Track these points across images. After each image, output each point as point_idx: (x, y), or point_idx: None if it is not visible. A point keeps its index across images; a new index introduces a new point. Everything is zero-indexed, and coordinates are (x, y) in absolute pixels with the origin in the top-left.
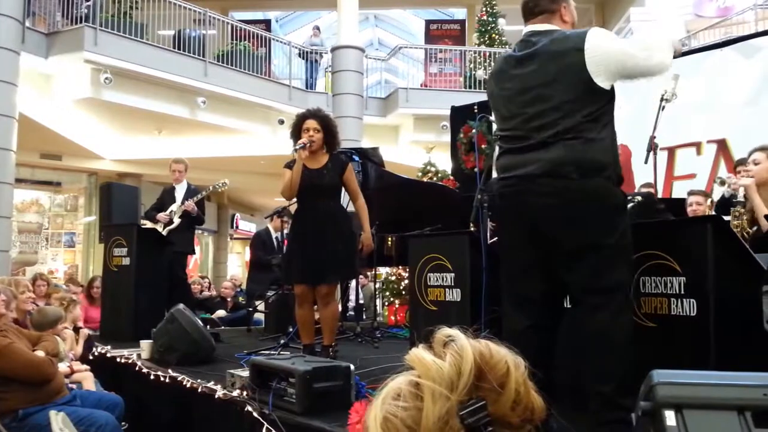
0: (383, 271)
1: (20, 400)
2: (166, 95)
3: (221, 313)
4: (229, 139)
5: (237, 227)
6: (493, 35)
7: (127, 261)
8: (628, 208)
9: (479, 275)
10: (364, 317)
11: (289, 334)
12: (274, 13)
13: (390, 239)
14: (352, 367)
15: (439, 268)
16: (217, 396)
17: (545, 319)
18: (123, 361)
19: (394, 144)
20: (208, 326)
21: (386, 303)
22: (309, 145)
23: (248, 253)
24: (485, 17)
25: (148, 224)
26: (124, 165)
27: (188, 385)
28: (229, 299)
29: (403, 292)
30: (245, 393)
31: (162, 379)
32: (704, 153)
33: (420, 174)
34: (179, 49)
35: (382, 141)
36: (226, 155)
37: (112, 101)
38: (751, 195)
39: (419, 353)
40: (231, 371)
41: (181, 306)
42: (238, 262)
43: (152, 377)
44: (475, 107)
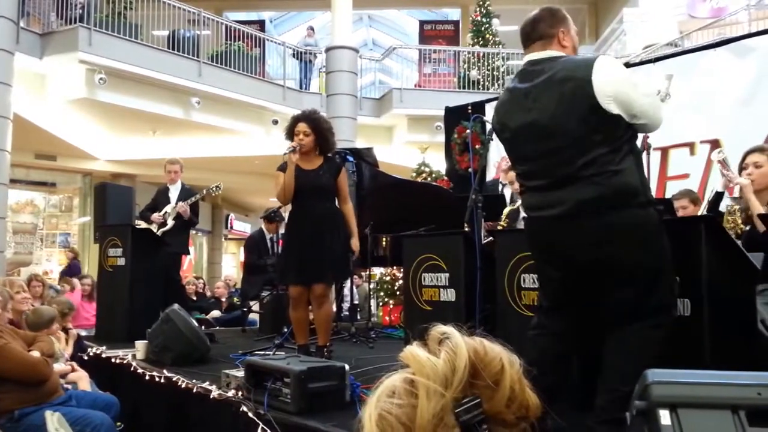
0: (378, 271)
1: (16, 401)
2: (161, 96)
3: (216, 313)
4: (223, 140)
5: (231, 228)
6: (487, 36)
7: (122, 261)
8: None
9: (473, 275)
10: (358, 317)
11: (284, 334)
12: (268, 13)
13: (384, 239)
14: (346, 367)
15: (434, 268)
16: (212, 396)
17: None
18: (118, 361)
19: (388, 144)
20: (203, 327)
21: (381, 303)
22: (298, 149)
23: (242, 254)
24: (479, 18)
25: (143, 225)
26: (119, 165)
27: (183, 386)
28: (223, 299)
29: (398, 293)
30: (240, 393)
31: (157, 379)
32: (698, 153)
33: (414, 174)
34: (173, 49)
35: (376, 141)
36: (221, 155)
37: (107, 101)
38: (747, 195)
39: (413, 350)
40: (226, 371)
41: (176, 306)
42: (233, 263)
43: (147, 378)
44: (469, 108)
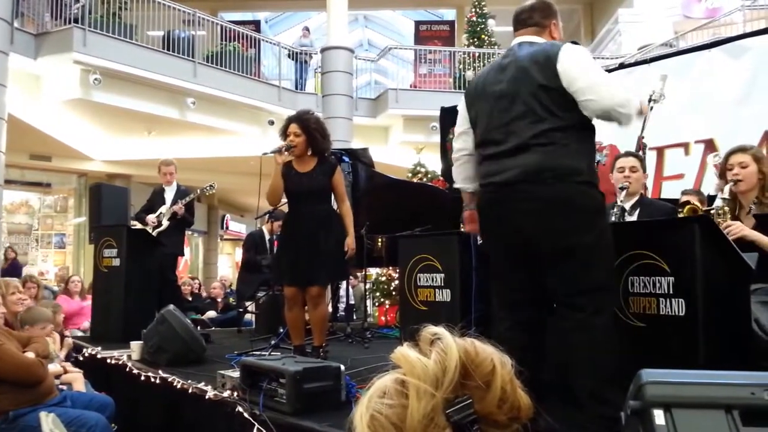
0: (373, 271)
1: (10, 402)
2: (156, 96)
3: (212, 314)
4: (218, 140)
5: (227, 228)
6: (483, 36)
7: (117, 262)
8: (606, 209)
9: (469, 275)
10: (354, 318)
11: (280, 334)
12: (263, 13)
13: (380, 240)
14: (342, 367)
15: (429, 268)
16: (207, 397)
17: (533, 319)
18: (113, 362)
19: (383, 144)
20: (199, 327)
21: (376, 303)
22: (285, 149)
23: (239, 254)
24: (475, 18)
25: (138, 225)
26: (114, 166)
27: (179, 386)
28: (219, 299)
29: (393, 293)
30: (236, 394)
31: (152, 380)
32: (692, 153)
33: (410, 174)
34: (169, 49)
35: (372, 142)
36: (216, 156)
37: (102, 102)
38: (751, 237)
39: (404, 351)
40: (221, 372)
41: (172, 307)
42: (228, 263)
43: (143, 378)
44: None
